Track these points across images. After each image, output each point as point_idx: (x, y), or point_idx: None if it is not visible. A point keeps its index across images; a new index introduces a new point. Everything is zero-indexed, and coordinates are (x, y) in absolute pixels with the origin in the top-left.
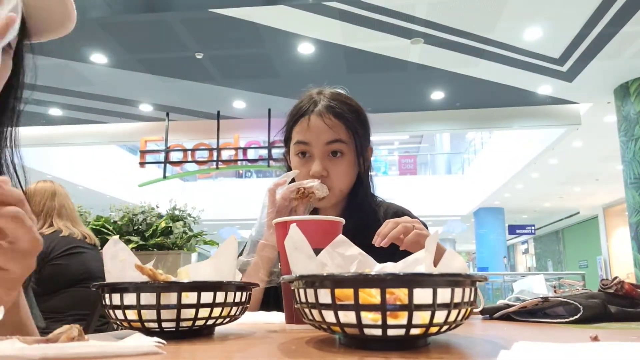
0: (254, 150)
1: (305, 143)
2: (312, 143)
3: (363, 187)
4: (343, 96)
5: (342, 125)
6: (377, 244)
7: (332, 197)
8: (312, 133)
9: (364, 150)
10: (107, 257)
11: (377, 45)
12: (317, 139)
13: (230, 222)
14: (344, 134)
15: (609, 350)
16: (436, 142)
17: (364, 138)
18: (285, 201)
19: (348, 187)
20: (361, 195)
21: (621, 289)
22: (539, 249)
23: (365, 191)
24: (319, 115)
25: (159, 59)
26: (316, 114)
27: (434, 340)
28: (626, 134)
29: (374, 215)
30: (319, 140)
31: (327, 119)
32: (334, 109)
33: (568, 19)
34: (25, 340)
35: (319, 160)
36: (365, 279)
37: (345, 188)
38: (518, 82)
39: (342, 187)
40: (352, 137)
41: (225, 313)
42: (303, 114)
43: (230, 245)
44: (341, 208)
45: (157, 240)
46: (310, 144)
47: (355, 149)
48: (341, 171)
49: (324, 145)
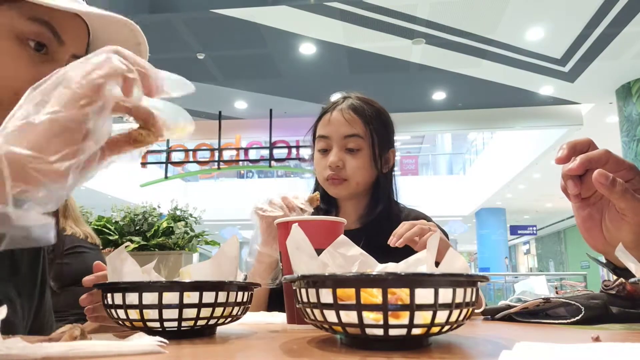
0: (256, 151)
1: (325, 137)
2: (331, 136)
3: (382, 188)
4: (367, 98)
5: (360, 121)
6: (392, 244)
7: (348, 187)
8: (331, 126)
9: (383, 151)
10: (110, 263)
11: (378, 45)
12: (335, 132)
13: (231, 223)
14: (361, 130)
15: (611, 351)
16: (438, 143)
17: (384, 138)
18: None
19: (365, 182)
20: (382, 197)
21: (623, 290)
22: (540, 249)
23: (386, 193)
24: (340, 111)
25: (161, 59)
26: (337, 110)
27: (435, 340)
28: (628, 134)
29: (397, 217)
30: (338, 133)
31: (346, 114)
32: (354, 106)
33: (570, 19)
34: (27, 340)
35: (336, 150)
36: (367, 278)
37: (362, 181)
38: (520, 83)
39: (359, 180)
40: (370, 134)
41: (227, 313)
42: (327, 111)
43: (232, 245)
44: (363, 207)
45: (158, 241)
46: (329, 137)
47: (372, 145)
48: (357, 164)
49: (342, 138)
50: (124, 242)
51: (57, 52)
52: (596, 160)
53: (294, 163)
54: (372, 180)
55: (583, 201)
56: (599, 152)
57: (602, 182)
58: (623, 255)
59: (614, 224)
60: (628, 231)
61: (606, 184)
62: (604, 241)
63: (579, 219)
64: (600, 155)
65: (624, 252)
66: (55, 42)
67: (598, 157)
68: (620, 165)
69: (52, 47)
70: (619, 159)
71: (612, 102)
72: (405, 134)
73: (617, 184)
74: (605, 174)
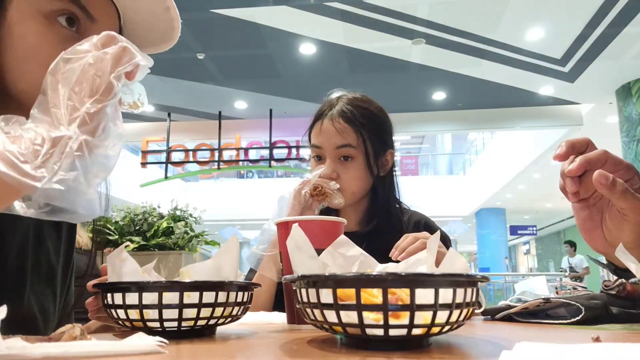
0: (256, 151)
1: (318, 147)
2: (324, 146)
3: (380, 192)
4: (361, 100)
5: (351, 130)
6: (394, 258)
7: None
8: (323, 137)
9: (378, 155)
10: (109, 263)
11: (378, 45)
12: (327, 142)
13: (231, 223)
14: (352, 139)
15: (611, 351)
16: (438, 143)
17: (378, 142)
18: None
19: (361, 191)
20: (382, 199)
21: (623, 291)
22: (540, 249)
23: (386, 194)
24: (331, 119)
25: (161, 59)
26: (328, 118)
27: (435, 340)
28: (628, 134)
29: (398, 221)
30: (330, 144)
31: (337, 123)
32: (345, 114)
33: (570, 19)
34: (27, 339)
35: (329, 162)
36: (368, 279)
37: (358, 191)
38: (520, 83)
39: (354, 190)
40: (362, 141)
41: (227, 313)
42: (319, 117)
43: (232, 245)
44: (362, 211)
45: (158, 241)
46: (322, 147)
47: (366, 153)
48: (351, 175)
49: (334, 149)
50: (124, 242)
51: (89, 30)
52: (595, 160)
53: (293, 163)
54: (368, 187)
55: (582, 201)
56: (597, 152)
57: (603, 183)
58: (623, 255)
59: (614, 223)
60: (629, 231)
61: (606, 185)
62: (604, 242)
63: (579, 220)
64: (598, 155)
65: (624, 253)
66: (86, 19)
67: (597, 158)
68: (618, 165)
69: (84, 24)
70: (617, 159)
71: (612, 102)
72: (405, 134)
73: (618, 184)
74: (605, 175)
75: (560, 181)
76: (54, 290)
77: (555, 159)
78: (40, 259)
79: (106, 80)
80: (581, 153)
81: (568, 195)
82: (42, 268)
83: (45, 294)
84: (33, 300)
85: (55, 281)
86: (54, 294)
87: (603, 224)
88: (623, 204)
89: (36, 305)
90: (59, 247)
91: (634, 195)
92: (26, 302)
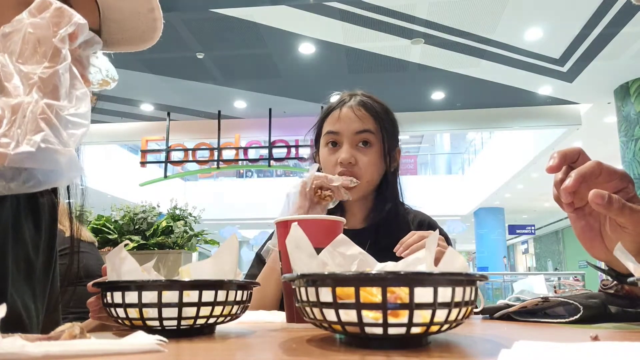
0: (255, 150)
1: (335, 133)
2: (342, 132)
3: (390, 187)
4: (374, 97)
5: (371, 118)
6: (399, 254)
7: (359, 189)
8: (342, 123)
9: (391, 148)
10: (109, 262)
11: (377, 45)
12: (347, 128)
13: (231, 222)
14: (372, 125)
15: (609, 349)
16: (436, 142)
17: (392, 135)
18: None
19: (375, 180)
20: (389, 196)
21: (621, 290)
22: (538, 249)
23: (393, 192)
24: (350, 107)
25: (160, 59)
26: (348, 107)
27: (434, 339)
28: (626, 134)
29: (404, 219)
30: (349, 129)
31: (357, 110)
32: (364, 103)
33: (568, 19)
34: (27, 338)
35: (347, 147)
36: (367, 277)
37: (373, 180)
38: (518, 83)
39: (369, 178)
40: (380, 130)
41: (226, 312)
42: (334, 108)
43: (231, 244)
44: (369, 208)
45: (157, 240)
46: (340, 133)
47: (383, 141)
48: (369, 161)
49: (354, 134)
50: (124, 241)
51: None
52: (589, 174)
53: (293, 162)
54: (380, 179)
55: (577, 210)
56: (590, 165)
57: (599, 203)
58: (622, 254)
59: (615, 234)
60: (630, 242)
61: (603, 204)
62: (606, 250)
63: (577, 231)
64: (592, 168)
65: (622, 252)
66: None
67: (591, 171)
68: (612, 175)
69: None
70: (611, 169)
71: (611, 102)
72: (404, 133)
73: (614, 201)
74: (600, 194)
75: (554, 191)
76: (32, 287)
77: (548, 171)
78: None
79: (51, 45)
80: (573, 163)
81: (563, 205)
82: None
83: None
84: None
85: (33, 277)
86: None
87: (603, 232)
88: (622, 219)
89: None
90: (38, 242)
91: (632, 209)
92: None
